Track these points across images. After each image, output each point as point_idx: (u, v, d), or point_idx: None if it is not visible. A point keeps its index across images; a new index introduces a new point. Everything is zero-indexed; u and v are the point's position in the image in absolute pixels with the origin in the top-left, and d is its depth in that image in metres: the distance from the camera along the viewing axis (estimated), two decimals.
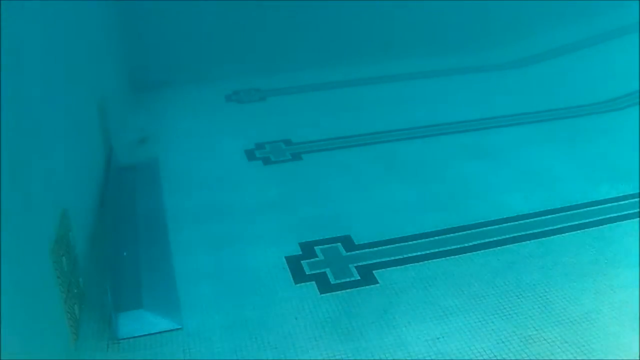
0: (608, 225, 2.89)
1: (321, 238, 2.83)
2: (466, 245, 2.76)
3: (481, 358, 2.10)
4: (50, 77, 2.33)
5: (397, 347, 2.16)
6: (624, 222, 2.91)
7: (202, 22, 4.85)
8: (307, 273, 2.59)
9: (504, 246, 2.75)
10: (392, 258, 2.68)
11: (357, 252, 2.73)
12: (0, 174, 1.53)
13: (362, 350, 2.15)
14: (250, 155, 3.72)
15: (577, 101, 4.44)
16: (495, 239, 2.81)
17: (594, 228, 2.87)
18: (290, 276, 2.57)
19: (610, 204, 3.08)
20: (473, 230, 2.88)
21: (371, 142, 3.88)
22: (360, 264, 2.65)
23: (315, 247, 2.76)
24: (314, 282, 2.53)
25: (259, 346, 2.18)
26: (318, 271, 2.60)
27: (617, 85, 4.62)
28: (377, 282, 2.52)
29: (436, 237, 2.83)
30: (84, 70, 3.00)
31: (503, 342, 2.18)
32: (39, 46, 2.18)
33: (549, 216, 2.98)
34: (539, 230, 2.86)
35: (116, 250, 2.67)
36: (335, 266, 2.63)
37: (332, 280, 2.54)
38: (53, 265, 1.94)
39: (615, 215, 2.98)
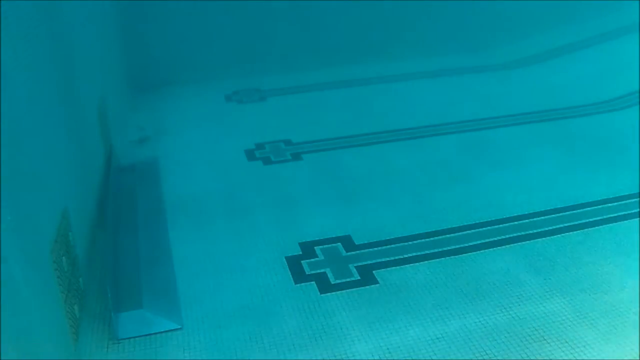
0: (608, 225, 2.89)
1: (321, 238, 2.83)
2: (466, 245, 2.76)
3: (481, 358, 2.11)
4: (50, 77, 2.33)
5: (397, 347, 2.16)
6: (624, 222, 2.91)
7: (202, 22, 4.85)
8: (307, 273, 2.59)
9: (504, 246, 2.75)
10: (392, 258, 2.68)
11: (357, 252, 2.73)
12: (0, 174, 1.53)
13: (362, 350, 2.15)
14: (250, 155, 3.72)
15: (576, 101, 4.44)
16: (495, 239, 2.81)
17: (593, 228, 2.87)
18: (290, 276, 2.57)
19: (610, 204, 3.08)
20: (473, 230, 2.88)
21: (371, 142, 3.88)
22: (360, 264, 2.65)
23: (315, 247, 2.76)
24: (314, 282, 2.53)
25: (259, 346, 2.18)
26: (318, 271, 2.60)
27: (617, 85, 4.62)
28: (377, 282, 2.52)
29: (436, 237, 2.83)
30: (84, 70, 3.00)
31: (503, 342, 2.18)
32: (39, 46, 2.18)
33: (549, 216, 2.98)
34: (539, 230, 2.87)
35: (116, 249, 2.67)
36: (335, 266, 2.63)
37: (332, 280, 2.54)
38: (53, 265, 1.94)
39: (615, 215, 2.98)
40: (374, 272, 2.59)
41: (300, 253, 2.73)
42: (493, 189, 3.24)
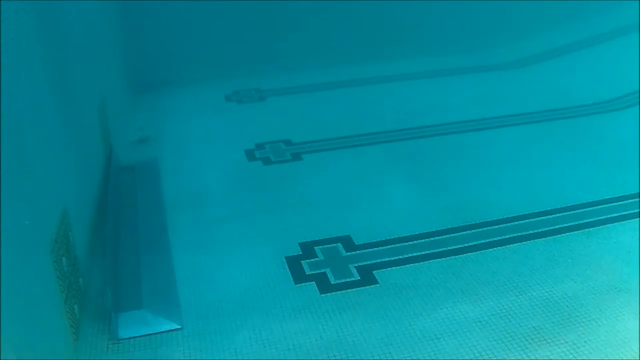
0: (608, 225, 2.89)
1: (321, 238, 2.83)
2: (466, 245, 2.76)
3: (481, 358, 2.10)
4: (50, 77, 2.33)
5: (397, 347, 2.16)
6: (624, 222, 2.91)
7: (202, 23, 4.85)
8: (307, 273, 2.59)
9: (504, 246, 2.75)
10: (392, 258, 2.68)
11: (357, 252, 2.73)
12: (0, 174, 1.53)
13: (362, 350, 2.15)
14: (250, 155, 3.72)
15: (577, 101, 4.44)
16: (495, 239, 2.81)
17: (594, 228, 2.86)
18: (290, 276, 2.57)
19: (610, 204, 3.08)
20: (473, 230, 2.88)
21: (371, 142, 3.87)
22: (360, 264, 2.65)
23: (315, 247, 2.76)
24: (314, 282, 2.53)
25: (258, 346, 2.18)
26: (318, 271, 2.60)
27: (617, 85, 4.61)
28: (377, 282, 2.52)
29: (436, 237, 2.83)
30: (84, 71, 3.00)
31: (503, 342, 2.18)
32: (38, 46, 2.18)
33: (549, 216, 2.98)
34: (539, 230, 2.86)
35: (116, 250, 2.67)
36: (335, 266, 2.63)
37: (332, 280, 2.54)
38: (53, 265, 1.94)
39: (615, 215, 2.97)
40: (374, 272, 2.59)
41: (300, 253, 2.73)
42: (493, 189, 3.24)
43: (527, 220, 2.95)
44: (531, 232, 2.85)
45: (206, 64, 4.96)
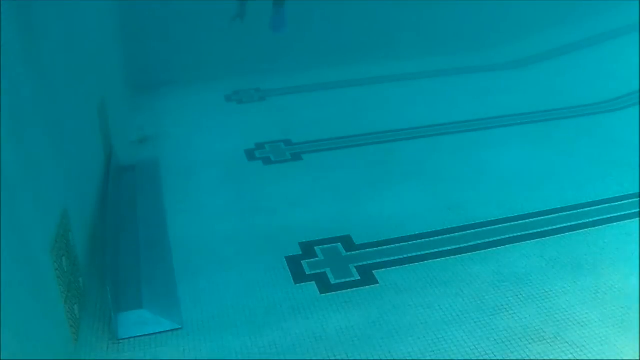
0: (608, 225, 2.89)
1: (321, 238, 2.83)
2: (466, 245, 2.76)
3: (481, 358, 2.11)
4: (51, 77, 2.32)
5: (397, 347, 2.16)
6: (624, 222, 2.91)
7: (202, 23, 4.84)
8: (307, 273, 2.59)
9: (504, 246, 2.75)
10: (392, 258, 2.68)
11: (357, 252, 2.73)
12: (0, 175, 1.53)
13: (362, 350, 2.15)
14: (250, 155, 3.72)
15: (577, 101, 4.44)
16: (495, 239, 2.81)
17: (594, 228, 2.87)
18: (290, 276, 2.57)
19: (610, 204, 3.08)
20: (473, 231, 2.88)
21: (371, 142, 3.87)
22: (360, 264, 2.65)
23: (315, 247, 2.76)
24: (314, 282, 2.53)
25: (259, 346, 2.18)
26: (318, 271, 2.60)
27: (617, 85, 4.62)
28: (377, 282, 2.52)
29: (436, 237, 2.83)
30: (84, 71, 3.00)
31: (503, 342, 2.18)
32: (39, 47, 2.18)
33: (549, 216, 2.98)
34: (539, 230, 2.86)
35: (116, 250, 2.67)
36: (335, 266, 2.63)
37: (332, 280, 2.54)
38: (53, 265, 1.94)
39: (615, 215, 2.97)
40: (374, 272, 2.59)
41: (300, 253, 2.73)
42: (492, 189, 3.24)
43: (527, 220, 2.95)
44: (531, 232, 2.85)
45: (206, 64, 4.96)
